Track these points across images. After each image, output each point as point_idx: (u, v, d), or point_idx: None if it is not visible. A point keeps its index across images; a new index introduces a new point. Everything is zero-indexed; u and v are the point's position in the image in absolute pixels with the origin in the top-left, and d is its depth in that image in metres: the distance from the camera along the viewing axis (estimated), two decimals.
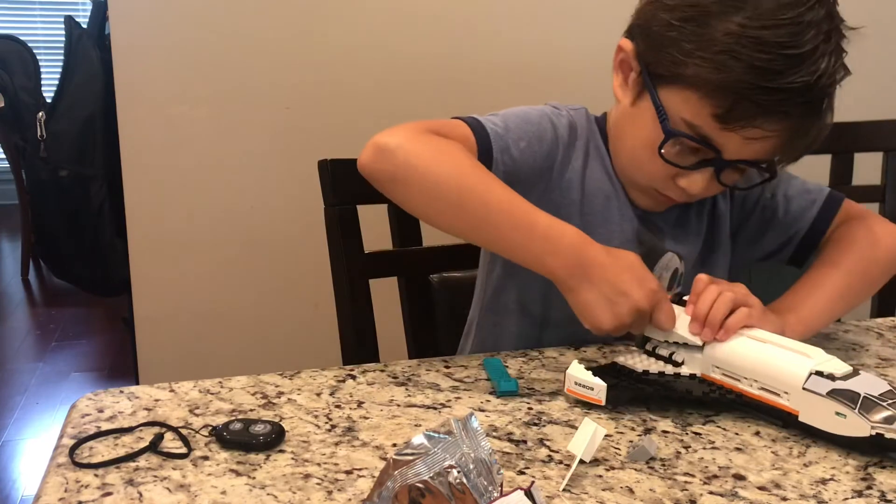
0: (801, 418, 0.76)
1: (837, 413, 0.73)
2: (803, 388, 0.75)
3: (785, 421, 0.78)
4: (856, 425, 0.73)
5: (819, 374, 0.75)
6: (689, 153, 0.94)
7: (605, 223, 1.02)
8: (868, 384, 0.75)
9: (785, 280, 1.43)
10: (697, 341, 0.83)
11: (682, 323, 0.84)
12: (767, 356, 0.79)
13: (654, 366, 0.84)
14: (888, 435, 0.71)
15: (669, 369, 0.84)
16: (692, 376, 0.83)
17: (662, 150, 0.93)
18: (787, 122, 0.90)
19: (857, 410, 0.72)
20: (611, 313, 0.83)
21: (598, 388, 0.81)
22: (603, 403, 0.81)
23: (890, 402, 0.73)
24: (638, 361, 0.85)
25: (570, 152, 1.01)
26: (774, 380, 0.78)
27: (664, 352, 0.85)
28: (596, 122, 1.06)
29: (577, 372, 0.82)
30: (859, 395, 0.73)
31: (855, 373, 0.76)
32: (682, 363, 0.84)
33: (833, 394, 0.74)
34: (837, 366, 0.77)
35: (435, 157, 0.88)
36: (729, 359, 0.81)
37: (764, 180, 1.00)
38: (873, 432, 0.72)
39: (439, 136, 0.91)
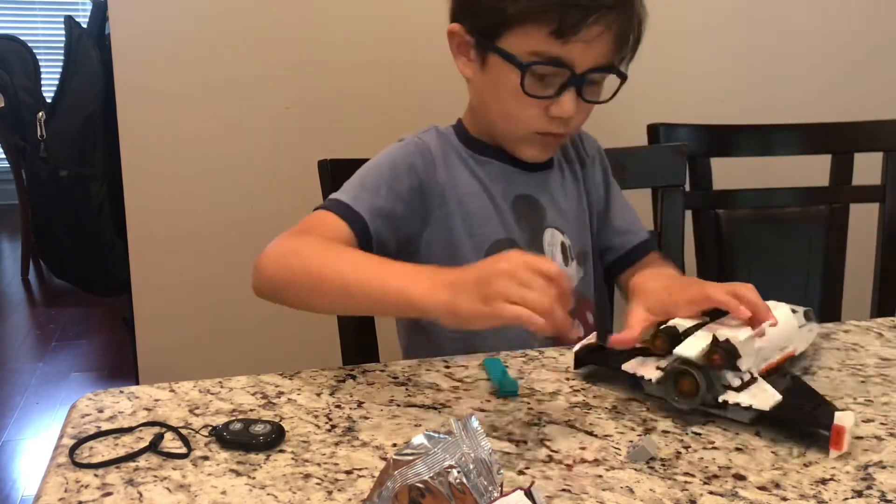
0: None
1: None
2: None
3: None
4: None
5: None
6: (549, 83, 1.00)
7: (486, 220, 1.07)
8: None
9: (783, 278, 1.44)
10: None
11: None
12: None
13: (646, 372, 0.84)
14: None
15: (653, 374, 0.83)
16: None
17: (526, 87, 0.99)
18: (610, 14, 0.98)
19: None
20: (489, 300, 0.76)
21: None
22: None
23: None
24: (639, 364, 0.85)
25: (433, 173, 1.07)
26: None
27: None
28: (453, 130, 1.13)
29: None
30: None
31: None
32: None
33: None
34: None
35: (288, 262, 0.94)
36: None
37: (619, 84, 1.05)
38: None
39: (298, 237, 0.96)
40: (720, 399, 0.78)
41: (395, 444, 0.75)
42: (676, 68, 1.87)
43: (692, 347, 0.80)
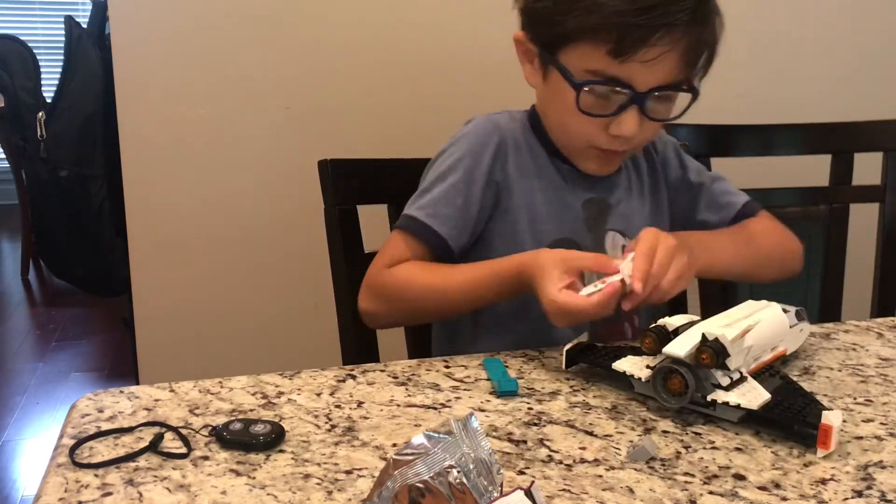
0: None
1: None
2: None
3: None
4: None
5: None
6: (607, 100, 0.98)
7: (550, 217, 1.07)
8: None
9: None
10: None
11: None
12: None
13: (637, 371, 0.84)
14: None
15: (643, 374, 0.83)
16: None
17: (580, 105, 0.98)
18: (675, 32, 0.94)
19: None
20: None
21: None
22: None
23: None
24: (630, 364, 0.85)
25: (504, 162, 1.07)
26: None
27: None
28: (528, 119, 1.11)
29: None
30: None
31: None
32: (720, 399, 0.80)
33: None
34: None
35: (401, 297, 1.03)
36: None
37: (691, 101, 1.03)
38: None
39: (395, 272, 1.03)
40: (709, 398, 0.79)
41: (395, 444, 0.75)
42: None
43: (681, 346, 0.79)
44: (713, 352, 0.78)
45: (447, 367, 0.92)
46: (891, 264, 1.49)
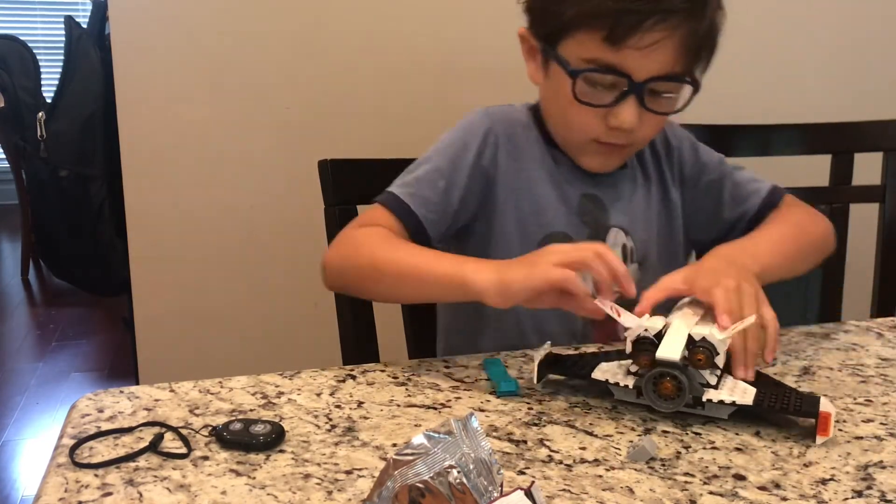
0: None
1: None
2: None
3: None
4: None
5: None
6: (605, 90, 0.98)
7: (545, 210, 1.06)
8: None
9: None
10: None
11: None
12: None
13: (619, 378, 0.82)
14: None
15: (628, 381, 0.81)
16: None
17: (577, 94, 0.98)
18: (672, 19, 0.94)
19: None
20: (536, 265, 0.85)
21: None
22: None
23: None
24: (610, 371, 0.84)
25: (493, 155, 1.06)
26: None
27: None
28: (531, 113, 1.11)
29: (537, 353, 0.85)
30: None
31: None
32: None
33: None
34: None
35: (348, 254, 0.99)
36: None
37: (692, 95, 1.02)
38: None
39: (358, 230, 1.01)
40: (704, 398, 0.78)
41: (395, 444, 0.75)
42: None
43: (672, 349, 0.78)
44: (707, 352, 0.78)
45: (447, 367, 0.92)
46: (891, 264, 1.49)
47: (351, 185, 1.17)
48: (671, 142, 1.16)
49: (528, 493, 0.53)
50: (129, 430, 0.76)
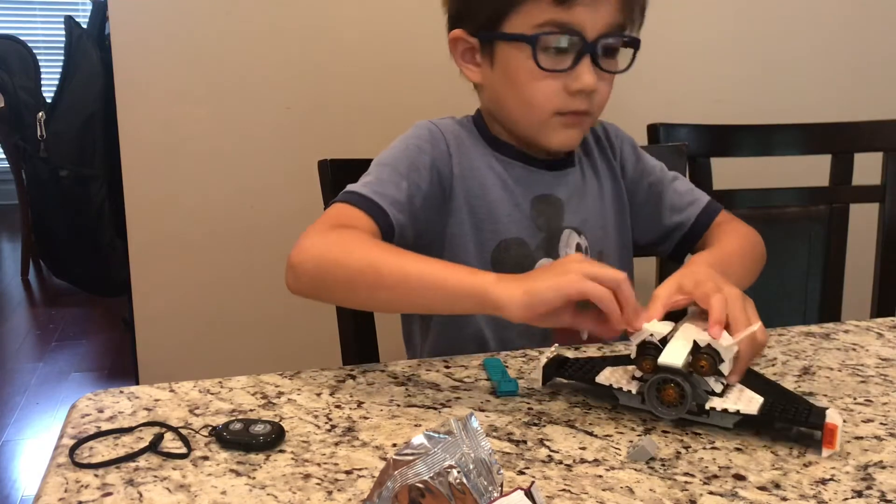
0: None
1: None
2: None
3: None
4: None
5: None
6: (561, 56, 0.99)
7: (499, 217, 1.05)
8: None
9: (783, 278, 1.44)
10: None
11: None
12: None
13: (623, 382, 0.81)
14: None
15: (632, 386, 0.81)
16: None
17: (539, 61, 0.98)
18: None
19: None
20: (567, 273, 0.81)
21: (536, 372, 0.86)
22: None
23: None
24: (614, 376, 0.83)
25: (447, 162, 1.06)
26: None
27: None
28: (472, 122, 1.11)
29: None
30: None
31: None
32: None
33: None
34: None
35: (334, 257, 0.90)
36: None
37: (634, 53, 1.03)
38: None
39: (335, 231, 0.93)
40: (707, 406, 0.77)
41: (395, 444, 0.75)
42: (676, 68, 1.87)
43: (675, 355, 0.78)
44: (711, 358, 0.77)
45: (447, 367, 0.92)
46: (891, 264, 1.49)
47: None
48: (613, 140, 1.17)
49: (528, 493, 0.53)
50: (129, 430, 0.76)
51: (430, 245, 1.05)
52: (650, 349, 0.79)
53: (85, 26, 3.12)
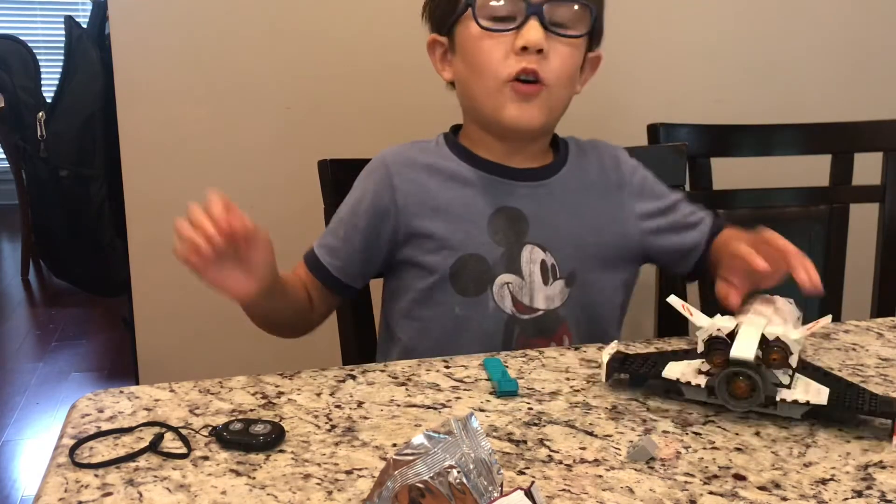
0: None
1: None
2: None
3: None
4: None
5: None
6: (507, 20, 1.01)
7: (453, 234, 1.05)
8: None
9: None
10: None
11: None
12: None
13: (690, 377, 0.81)
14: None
15: (700, 380, 0.81)
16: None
17: (481, 23, 1.01)
18: None
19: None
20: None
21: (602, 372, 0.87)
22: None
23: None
24: (679, 369, 0.83)
25: (391, 194, 1.07)
26: None
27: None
28: (444, 137, 1.13)
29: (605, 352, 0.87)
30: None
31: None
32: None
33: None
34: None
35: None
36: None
37: (592, 16, 1.04)
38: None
39: None
40: (778, 398, 0.78)
41: (395, 444, 0.75)
42: (676, 68, 1.87)
43: (747, 349, 0.78)
44: (783, 351, 0.77)
45: (447, 367, 0.92)
46: (891, 264, 1.49)
47: (351, 185, 1.17)
48: (622, 163, 1.14)
49: (528, 493, 0.53)
50: (129, 430, 0.76)
51: (390, 270, 1.10)
52: (719, 344, 0.80)
53: (85, 26, 3.12)
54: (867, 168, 1.48)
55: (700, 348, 0.81)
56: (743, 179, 1.45)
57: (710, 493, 0.68)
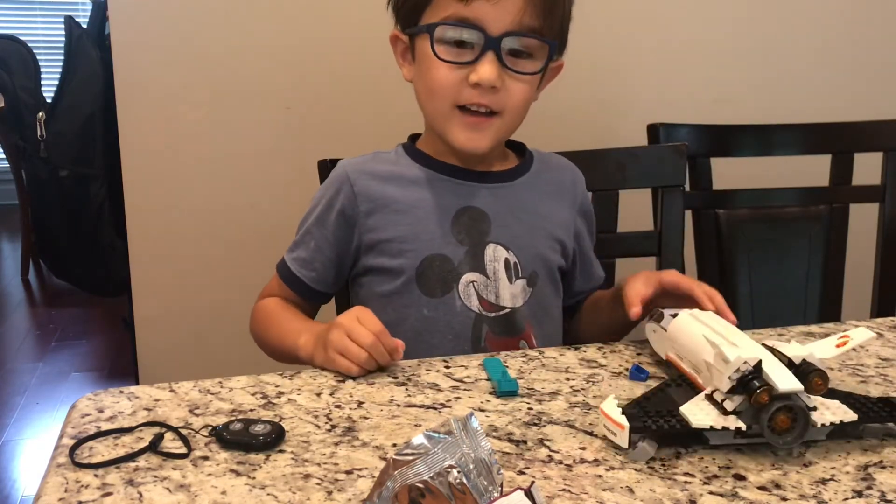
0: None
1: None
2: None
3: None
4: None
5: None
6: (463, 49, 1.00)
7: (417, 236, 1.06)
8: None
9: (783, 278, 1.43)
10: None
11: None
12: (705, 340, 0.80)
13: (720, 420, 0.73)
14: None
15: (731, 423, 0.72)
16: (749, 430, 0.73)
17: (437, 52, 1.00)
18: None
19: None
20: (328, 350, 0.90)
21: (620, 435, 0.73)
22: (626, 446, 0.73)
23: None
24: (701, 413, 0.74)
25: (353, 201, 1.08)
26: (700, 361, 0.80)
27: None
28: (402, 145, 1.14)
29: (608, 408, 0.75)
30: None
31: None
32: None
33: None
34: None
35: (253, 326, 1.16)
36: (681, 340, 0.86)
37: (551, 53, 1.03)
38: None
39: (260, 303, 1.15)
40: (818, 424, 0.73)
41: (395, 444, 0.75)
42: (676, 68, 1.87)
43: (790, 379, 0.72)
44: (823, 375, 0.73)
45: (447, 367, 0.92)
46: (891, 264, 1.49)
47: None
48: (577, 181, 1.18)
49: (528, 493, 0.53)
50: (129, 430, 0.76)
51: (359, 274, 1.11)
52: (752, 379, 0.72)
53: (85, 26, 3.12)
54: (867, 168, 1.48)
55: (724, 387, 0.73)
56: (743, 179, 1.45)
57: (710, 493, 0.68)
